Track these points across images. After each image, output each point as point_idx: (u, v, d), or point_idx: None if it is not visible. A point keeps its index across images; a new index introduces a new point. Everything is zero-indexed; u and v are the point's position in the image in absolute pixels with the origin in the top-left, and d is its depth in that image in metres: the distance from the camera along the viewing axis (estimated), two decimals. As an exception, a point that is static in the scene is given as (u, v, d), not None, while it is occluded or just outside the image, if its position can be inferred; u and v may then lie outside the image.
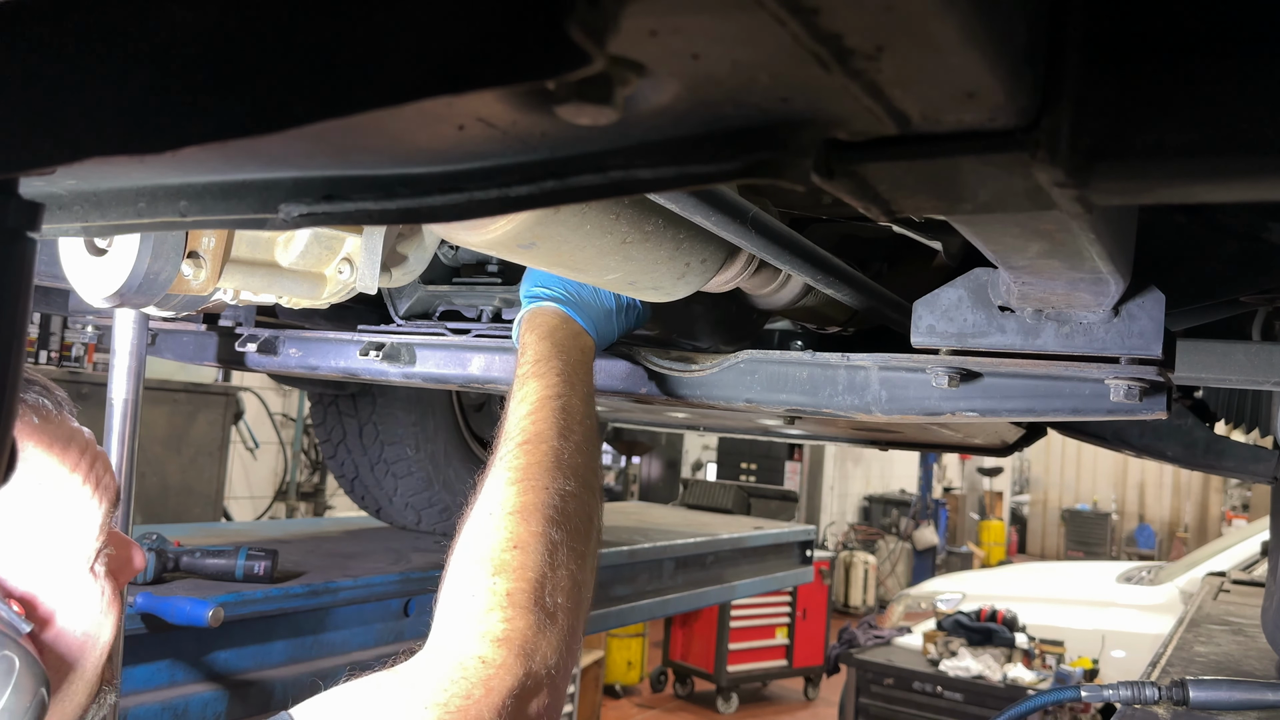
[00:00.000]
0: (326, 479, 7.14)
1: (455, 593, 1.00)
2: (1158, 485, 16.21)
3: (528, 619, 0.97)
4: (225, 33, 0.38)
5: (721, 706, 7.34)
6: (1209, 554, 6.52)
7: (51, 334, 5.02)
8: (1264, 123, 0.46)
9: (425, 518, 2.71)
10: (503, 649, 0.93)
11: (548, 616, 0.99)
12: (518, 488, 1.07)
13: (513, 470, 1.09)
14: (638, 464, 10.68)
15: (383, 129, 0.43)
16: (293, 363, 1.71)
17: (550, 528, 1.04)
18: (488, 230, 1.02)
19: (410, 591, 2.23)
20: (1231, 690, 1.61)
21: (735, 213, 0.87)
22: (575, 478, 1.11)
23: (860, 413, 1.28)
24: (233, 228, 0.62)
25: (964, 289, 1.10)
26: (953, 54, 0.37)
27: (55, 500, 0.85)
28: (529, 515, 1.04)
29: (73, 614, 0.86)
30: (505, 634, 0.94)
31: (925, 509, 12.46)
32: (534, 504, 1.05)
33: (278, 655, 1.97)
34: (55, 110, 0.41)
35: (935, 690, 5.44)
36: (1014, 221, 0.67)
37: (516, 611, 0.96)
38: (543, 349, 1.23)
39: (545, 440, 1.12)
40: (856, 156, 0.46)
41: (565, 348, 1.25)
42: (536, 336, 1.26)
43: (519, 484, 1.07)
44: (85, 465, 0.87)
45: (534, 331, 1.27)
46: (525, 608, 0.97)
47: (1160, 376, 1.09)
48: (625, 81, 0.37)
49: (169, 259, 1.25)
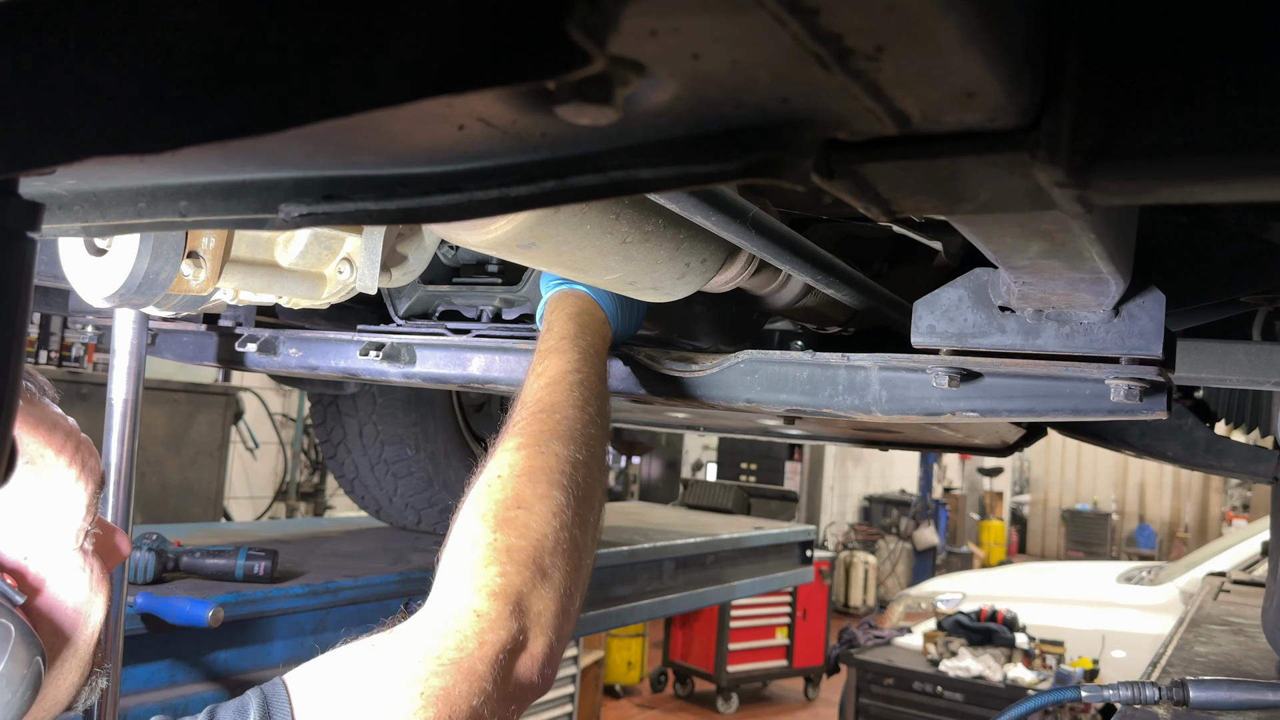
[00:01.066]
0: (326, 479, 7.13)
1: (456, 548, 0.99)
2: (1158, 485, 16.21)
3: (524, 575, 0.96)
4: (225, 33, 0.38)
5: (721, 707, 7.34)
6: (1209, 554, 6.52)
7: (51, 334, 5.02)
8: (1264, 123, 0.46)
9: (425, 518, 2.71)
10: (497, 602, 0.93)
11: (545, 576, 0.98)
12: (527, 451, 1.07)
13: (525, 435, 1.09)
14: (638, 464, 10.67)
15: (383, 129, 0.43)
16: (293, 363, 1.71)
17: (556, 490, 1.04)
18: (488, 230, 1.02)
19: (410, 591, 2.23)
20: (1231, 690, 1.61)
21: (735, 213, 0.87)
22: (586, 448, 1.11)
23: (860, 413, 1.28)
24: (233, 228, 0.62)
25: (964, 289, 1.10)
26: (953, 54, 0.37)
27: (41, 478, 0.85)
28: (536, 477, 1.04)
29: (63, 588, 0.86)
30: (501, 588, 0.94)
31: (925, 509, 12.45)
32: (542, 467, 1.05)
33: (278, 655, 1.97)
34: (55, 110, 0.41)
35: (935, 690, 5.44)
36: (1014, 221, 0.67)
37: (514, 567, 0.96)
38: (569, 328, 1.25)
39: (560, 410, 1.12)
40: (857, 156, 0.46)
41: (589, 330, 1.26)
42: (564, 315, 1.27)
43: (529, 448, 1.07)
44: (70, 447, 0.87)
45: (562, 310, 1.28)
46: (523, 564, 0.97)
47: (1160, 376, 1.09)
48: (625, 81, 0.37)
49: (169, 259, 1.25)
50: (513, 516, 1.00)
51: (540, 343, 1.25)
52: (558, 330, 1.25)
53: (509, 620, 0.93)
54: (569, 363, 1.19)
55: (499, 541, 0.97)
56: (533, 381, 1.18)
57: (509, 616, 0.93)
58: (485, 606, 0.92)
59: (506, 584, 0.94)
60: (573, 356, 1.20)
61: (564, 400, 1.14)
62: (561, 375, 1.17)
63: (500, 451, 1.08)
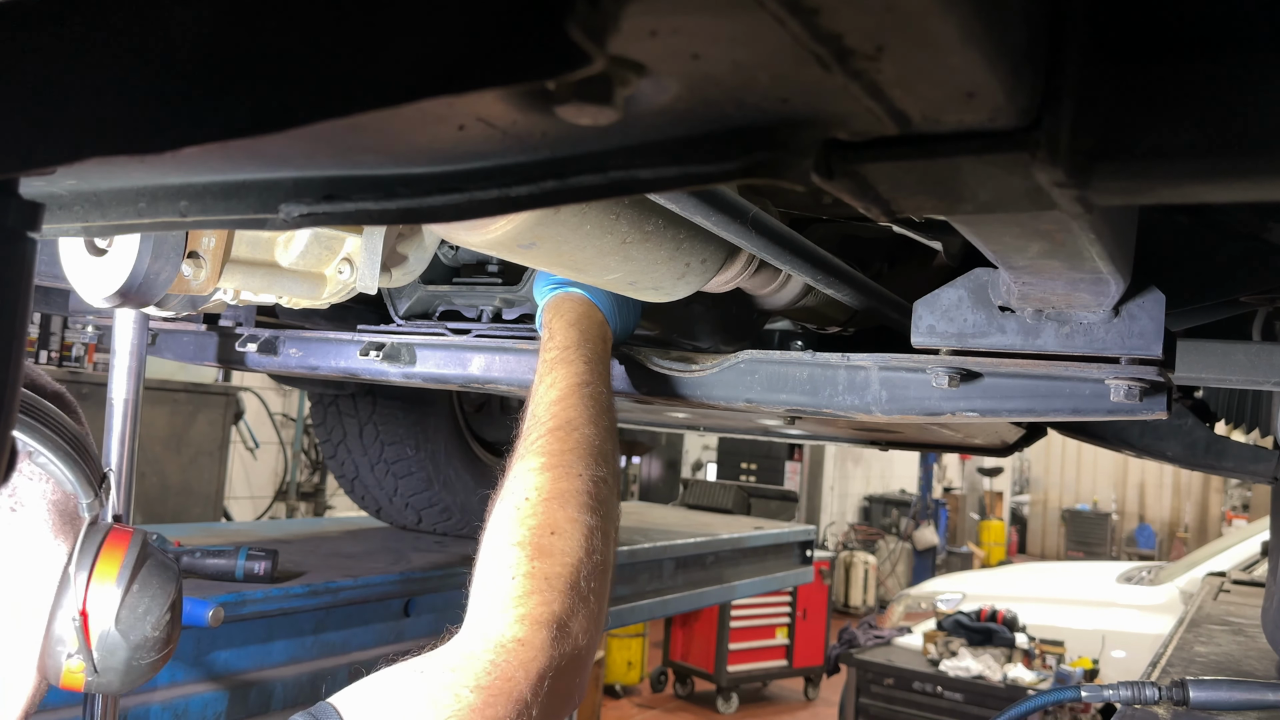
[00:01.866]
0: (326, 479, 7.13)
1: (494, 576, 1.01)
2: (1158, 485, 16.21)
3: (564, 601, 0.99)
4: (225, 33, 0.38)
5: (721, 706, 7.34)
6: (1209, 554, 6.52)
7: (52, 334, 5.02)
8: (1264, 123, 0.46)
9: (425, 518, 2.71)
10: (541, 631, 0.96)
11: (582, 600, 1.01)
12: (553, 474, 1.08)
13: (547, 455, 1.10)
14: (638, 464, 10.67)
15: (383, 129, 0.43)
16: (293, 363, 1.71)
17: (586, 514, 1.06)
18: (488, 230, 1.02)
19: (410, 591, 2.23)
20: (1231, 690, 1.60)
21: (735, 213, 0.87)
22: (606, 464, 1.13)
23: (860, 413, 1.28)
24: (233, 228, 0.62)
25: (964, 289, 1.10)
26: (953, 54, 0.37)
27: None
28: (566, 501, 1.06)
29: None
30: (544, 617, 0.97)
31: (925, 509, 12.45)
32: (570, 490, 1.07)
33: (278, 655, 1.97)
34: (55, 110, 0.41)
35: (935, 690, 5.44)
36: (1014, 222, 0.67)
37: (555, 595, 0.99)
38: (571, 335, 1.25)
39: (577, 427, 1.13)
40: (857, 157, 0.46)
41: (591, 336, 1.26)
42: (565, 323, 1.27)
43: (554, 470, 1.09)
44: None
45: (562, 317, 1.28)
46: (562, 591, 1.00)
47: (1160, 376, 1.09)
48: (625, 81, 0.37)
49: (169, 259, 1.25)
50: (548, 544, 1.02)
51: (543, 351, 1.25)
52: (560, 338, 1.25)
53: (551, 647, 0.96)
54: (578, 374, 1.19)
55: (537, 569, 1.00)
56: (543, 394, 1.18)
57: (551, 643, 0.96)
58: (530, 635, 0.95)
59: (548, 611, 0.97)
60: (580, 367, 1.20)
61: (580, 416, 1.15)
62: (573, 388, 1.17)
63: (525, 471, 1.10)
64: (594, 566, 1.04)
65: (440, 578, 2.29)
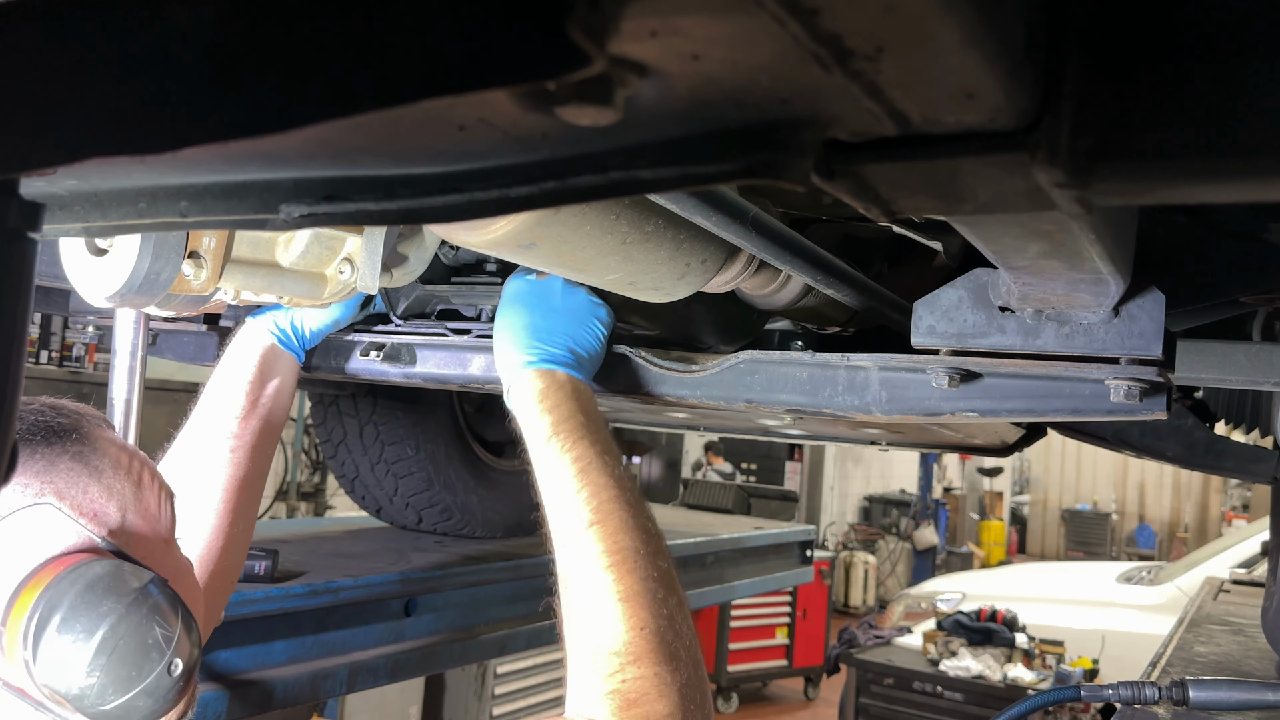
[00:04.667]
0: (326, 479, 7.14)
1: (596, 681, 1.05)
2: (1158, 485, 16.22)
3: (672, 699, 1.04)
4: (225, 33, 0.38)
5: (721, 706, 7.34)
6: (1209, 554, 6.53)
7: (52, 334, 5.03)
8: (1264, 124, 0.46)
9: (426, 518, 2.71)
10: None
11: (685, 681, 1.06)
12: (616, 572, 1.11)
13: (606, 555, 1.12)
14: (638, 464, 10.67)
15: (384, 129, 0.43)
16: (293, 363, 1.70)
17: (661, 606, 1.10)
18: (488, 231, 1.02)
19: (410, 591, 2.23)
20: (1231, 690, 1.60)
21: (735, 213, 0.87)
22: (653, 538, 1.17)
23: (860, 413, 1.28)
24: (233, 228, 0.62)
25: (964, 289, 1.10)
26: (953, 55, 0.37)
27: None
28: (638, 600, 1.10)
29: None
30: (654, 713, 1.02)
31: (925, 509, 12.46)
32: (639, 591, 1.10)
33: (278, 655, 1.97)
34: (55, 110, 0.41)
35: (935, 690, 5.45)
36: (1014, 222, 0.67)
37: (661, 691, 1.04)
38: (567, 409, 1.24)
39: (613, 516, 1.16)
40: (857, 157, 0.46)
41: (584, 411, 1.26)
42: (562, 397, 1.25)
43: (617, 568, 1.11)
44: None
45: (551, 398, 1.26)
46: (670, 684, 1.05)
47: (1160, 377, 1.09)
48: (626, 82, 0.37)
49: (169, 259, 1.25)
50: (639, 644, 1.06)
51: (546, 431, 1.22)
52: (555, 416, 1.23)
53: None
54: (611, 482, 1.19)
55: (644, 672, 1.05)
56: (580, 513, 1.16)
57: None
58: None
59: (657, 710, 1.03)
60: (608, 473, 1.20)
61: (612, 506, 1.17)
62: (595, 474, 1.18)
63: (585, 573, 1.12)
64: (683, 641, 1.11)
65: (440, 578, 2.29)
